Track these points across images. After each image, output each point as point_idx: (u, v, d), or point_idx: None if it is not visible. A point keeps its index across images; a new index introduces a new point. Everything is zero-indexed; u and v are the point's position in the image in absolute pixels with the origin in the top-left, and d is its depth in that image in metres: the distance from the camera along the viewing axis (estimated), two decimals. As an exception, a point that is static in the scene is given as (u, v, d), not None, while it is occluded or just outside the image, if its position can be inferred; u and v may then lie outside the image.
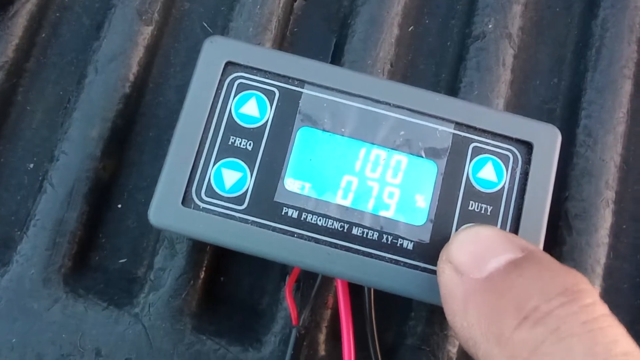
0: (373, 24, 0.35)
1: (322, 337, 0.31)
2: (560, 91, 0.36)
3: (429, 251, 0.27)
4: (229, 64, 0.28)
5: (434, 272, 0.26)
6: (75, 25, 0.36)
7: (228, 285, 0.33)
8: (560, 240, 0.33)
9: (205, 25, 0.36)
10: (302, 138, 0.27)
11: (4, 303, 0.30)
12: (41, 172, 0.33)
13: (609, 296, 0.33)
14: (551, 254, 0.32)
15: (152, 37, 0.34)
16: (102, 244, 0.33)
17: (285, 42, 0.36)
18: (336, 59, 0.35)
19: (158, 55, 0.35)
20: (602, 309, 0.21)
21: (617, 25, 0.35)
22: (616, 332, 0.20)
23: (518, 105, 0.36)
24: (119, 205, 0.33)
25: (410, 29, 0.37)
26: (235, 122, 0.27)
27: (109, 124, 0.32)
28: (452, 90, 0.35)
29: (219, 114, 0.27)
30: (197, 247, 0.31)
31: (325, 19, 0.37)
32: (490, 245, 0.23)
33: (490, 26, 0.35)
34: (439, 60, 0.36)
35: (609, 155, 0.34)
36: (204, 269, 0.32)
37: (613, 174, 0.34)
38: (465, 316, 0.22)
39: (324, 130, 0.27)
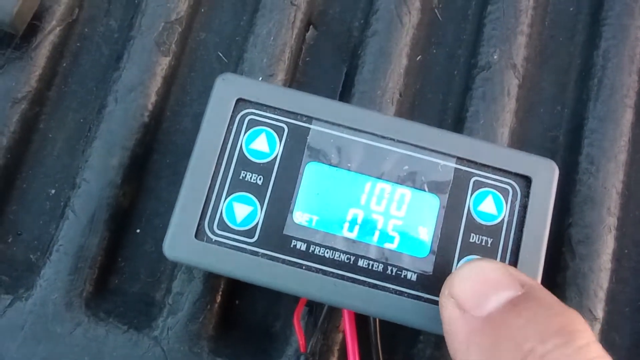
0: (382, 55, 0.36)
1: None
2: (564, 119, 0.37)
3: (432, 282, 0.28)
4: (240, 100, 0.29)
5: (436, 303, 0.27)
6: (95, 55, 0.37)
7: (243, 308, 0.34)
8: (564, 266, 0.34)
9: (221, 54, 0.37)
10: (310, 172, 0.28)
11: (28, 326, 0.31)
12: (63, 198, 0.34)
13: (611, 320, 0.34)
14: (555, 280, 0.34)
15: (170, 67, 0.36)
16: (121, 268, 0.34)
17: (297, 72, 0.37)
18: (347, 89, 0.36)
19: (175, 84, 0.36)
20: (596, 349, 0.21)
21: (619, 55, 0.37)
22: None
23: (522, 133, 0.37)
24: (138, 230, 0.34)
25: (418, 59, 0.38)
26: (246, 157, 0.28)
27: (128, 153, 0.34)
28: (459, 119, 0.36)
29: (230, 149, 0.28)
30: (214, 273, 0.32)
31: (336, 48, 0.38)
32: (492, 281, 0.24)
33: (495, 57, 0.36)
34: (446, 89, 0.38)
35: (611, 183, 0.35)
36: (220, 293, 0.33)
37: (615, 201, 0.35)
38: (467, 355, 0.23)
39: (331, 165, 0.29)
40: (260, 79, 0.35)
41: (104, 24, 0.37)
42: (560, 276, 0.34)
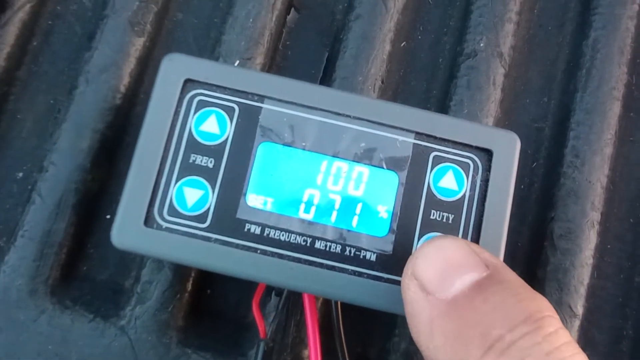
0: (365, 40, 0.35)
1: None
2: (550, 110, 0.37)
3: (392, 262, 0.27)
4: (188, 81, 0.28)
5: (397, 283, 0.26)
6: (68, 34, 0.36)
7: (214, 298, 0.33)
8: (545, 260, 0.33)
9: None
10: (263, 153, 0.27)
11: (-10, 313, 0.30)
12: (30, 181, 0.33)
13: (591, 316, 0.34)
14: (535, 274, 0.33)
15: (144, 48, 0.34)
16: (90, 254, 0.33)
17: (277, 56, 0.36)
18: (328, 75, 0.35)
19: (150, 66, 0.35)
20: (564, 336, 0.21)
21: (608, 46, 0.36)
22: (579, 358, 0.21)
23: (507, 123, 0.36)
24: (108, 216, 0.33)
25: (402, 45, 0.37)
26: (196, 139, 0.27)
27: (98, 136, 0.32)
28: (443, 107, 0.35)
29: (179, 131, 0.27)
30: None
31: (318, 32, 0.37)
32: (455, 261, 0.23)
33: (481, 44, 0.35)
34: (430, 76, 0.37)
35: (596, 177, 0.34)
36: (190, 282, 0.32)
37: (599, 195, 0.34)
38: (431, 338, 0.22)
39: (284, 144, 0.27)
40: (237, 62, 0.34)
41: (77, 1, 0.36)
42: (540, 271, 0.33)
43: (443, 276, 0.23)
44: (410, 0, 0.37)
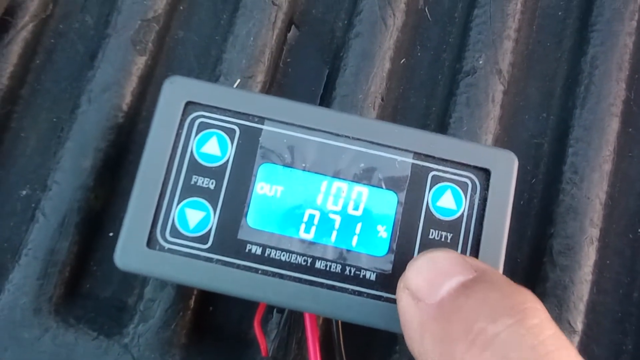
0: (365, 58, 0.35)
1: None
2: (549, 126, 0.37)
3: (391, 281, 0.27)
4: (189, 103, 0.28)
5: (395, 302, 0.26)
6: (70, 53, 0.36)
7: (217, 315, 0.33)
8: (544, 276, 0.33)
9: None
10: (264, 174, 0.28)
11: (-5, 332, 0.30)
12: (34, 200, 0.33)
13: (591, 331, 0.34)
14: (534, 290, 0.33)
15: (146, 66, 0.35)
16: (94, 272, 0.33)
17: (278, 73, 0.36)
18: (328, 92, 0.36)
19: (152, 84, 0.35)
20: (549, 328, 0.21)
21: (606, 63, 0.36)
22: (565, 354, 0.20)
23: (506, 140, 0.36)
24: (111, 234, 0.34)
25: (402, 62, 0.37)
26: (197, 161, 0.28)
27: (101, 154, 0.33)
28: (442, 124, 0.35)
29: (180, 154, 0.28)
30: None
31: (318, 50, 0.37)
32: (445, 269, 0.23)
33: (480, 62, 0.36)
34: (429, 93, 0.37)
35: (594, 193, 0.34)
36: (193, 299, 0.32)
37: (598, 212, 0.34)
38: (421, 343, 0.22)
39: (284, 165, 0.28)
40: (239, 80, 0.34)
41: (80, 20, 0.36)
42: (540, 287, 0.33)
43: (432, 282, 0.23)
44: (409, 17, 0.37)
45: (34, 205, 0.33)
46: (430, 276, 0.23)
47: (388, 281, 0.27)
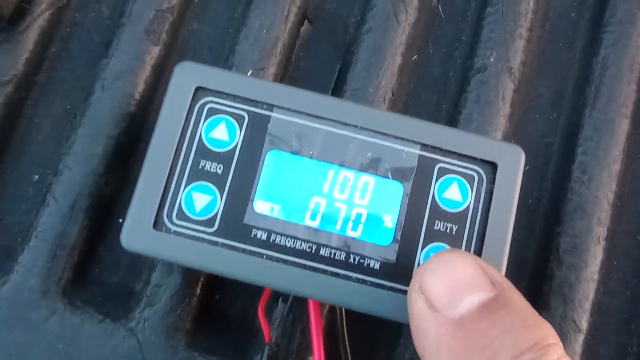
0: (377, 53, 0.35)
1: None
2: (559, 125, 0.37)
3: (395, 270, 0.27)
4: (199, 89, 0.28)
5: (399, 291, 0.27)
6: (85, 42, 0.36)
7: (223, 302, 0.34)
8: (550, 274, 0.33)
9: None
10: (271, 161, 0.28)
11: (3, 312, 0.31)
12: (45, 184, 0.34)
13: (596, 331, 0.34)
14: (540, 288, 0.33)
15: (160, 56, 0.35)
16: (102, 257, 0.34)
17: (290, 67, 0.37)
18: (339, 86, 0.36)
19: (165, 74, 0.36)
20: None
21: (618, 64, 0.36)
22: None
23: (516, 138, 0.36)
24: (120, 220, 0.34)
25: (414, 58, 0.37)
26: (206, 146, 0.28)
27: (113, 141, 0.33)
28: (452, 120, 0.36)
29: (189, 138, 0.28)
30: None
31: (331, 44, 0.38)
32: (464, 279, 0.23)
33: (492, 59, 0.36)
34: (441, 90, 0.37)
35: (603, 193, 0.34)
36: (199, 286, 0.32)
37: (606, 211, 0.34)
38: (436, 356, 0.22)
39: (292, 152, 0.28)
40: (250, 72, 0.34)
41: (96, 9, 0.37)
42: (546, 285, 0.33)
43: (451, 294, 0.23)
44: (422, 14, 0.37)
45: (45, 190, 0.33)
46: (449, 285, 0.23)
47: (392, 270, 0.27)
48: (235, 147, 0.28)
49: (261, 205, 0.27)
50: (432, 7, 0.38)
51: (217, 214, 0.27)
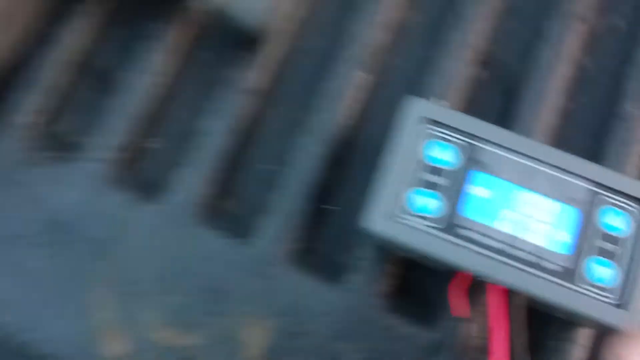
0: (538, 99, 0.44)
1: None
2: None
3: (571, 275, 0.36)
4: (424, 118, 0.38)
5: (572, 290, 0.36)
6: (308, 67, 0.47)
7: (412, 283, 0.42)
8: None
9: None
10: (477, 180, 0.38)
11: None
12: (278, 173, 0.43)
13: None
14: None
15: (369, 83, 0.45)
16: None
17: (466, 103, 0.46)
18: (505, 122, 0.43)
19: (372, 98, 0.46)
20: None
21: None
22: None
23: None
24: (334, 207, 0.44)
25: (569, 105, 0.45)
26: (428, 163, 0.38)
27: (330, 147, 0.43)
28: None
29: (415, 154, 0.38)
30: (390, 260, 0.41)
31: (501, 87, 0.46)
32: None
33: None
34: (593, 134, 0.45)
35: None
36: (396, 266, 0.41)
37: None
38: None
39: (493, 175, 0.38)
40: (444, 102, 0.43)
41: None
42: None
43: None
44: (573, 67, 0.45)
45: (277, 177, 0.43)
46: None
47: (568, 274, 0.36)
48: (450, 166, 0.38)
49: (469, 212, 0.37)
50: (582, 63, 0.46)
51: (436, 213, 0.37)
